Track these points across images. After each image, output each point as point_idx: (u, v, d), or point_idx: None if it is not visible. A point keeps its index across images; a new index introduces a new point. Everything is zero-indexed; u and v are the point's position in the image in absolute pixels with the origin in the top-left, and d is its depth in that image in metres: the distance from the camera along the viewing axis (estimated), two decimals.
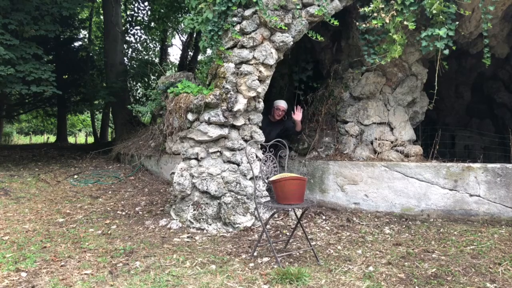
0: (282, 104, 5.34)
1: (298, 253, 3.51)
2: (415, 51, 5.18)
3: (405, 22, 4.41)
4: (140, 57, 15.90)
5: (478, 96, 7.90)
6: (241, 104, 4.41)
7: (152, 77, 14.10)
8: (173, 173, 4.63)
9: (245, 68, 4.40)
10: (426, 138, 5.92)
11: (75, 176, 7.20)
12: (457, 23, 4.42)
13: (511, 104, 7.42)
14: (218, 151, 4.49)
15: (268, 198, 4.15)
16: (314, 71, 6.32)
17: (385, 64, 4.86)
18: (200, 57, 14.28)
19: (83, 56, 14.58)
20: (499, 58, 6.38)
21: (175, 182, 4.43)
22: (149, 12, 14.64)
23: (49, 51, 12.36)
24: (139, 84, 15.41)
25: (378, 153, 5.21)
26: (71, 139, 23.26)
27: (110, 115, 15.39)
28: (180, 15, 13.26)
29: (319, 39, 4.53)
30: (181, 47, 15.51)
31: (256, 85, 4.40)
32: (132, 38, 15.63)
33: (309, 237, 3.78)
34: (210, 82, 4.72)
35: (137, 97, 15.34)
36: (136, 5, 15.06)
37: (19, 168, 7.77)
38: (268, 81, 4.57)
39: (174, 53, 53.40)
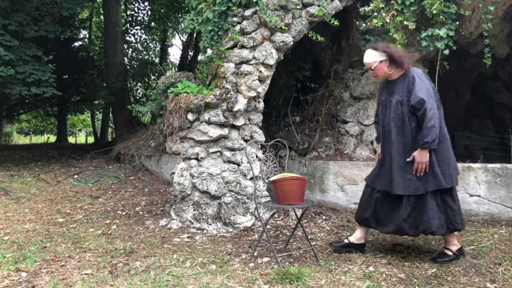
0: (364, 57, 3.37)
1: (298, 253, 3.51)
2: (415, 51, 5.17)
3: (405, 22, 4.41)
4: (140, 57, 15.91)
5: (478, 97, 7.89)
6: (241, 104, 4.41)
7: (152, 77, 14.10)
8: (173, 173, 4.63)
9: (245, 68, 4.40)
10: None
11: (75, 176, 7.20)
12: (457, 23, 4.42)
13: None
14: (218, 151, 4.49)
15: (268, 198, 4.15)
16: (314, 71, 6.32)
17: None
18: (200, 57, 14.28)
19: (83, 56, 14.58)
20: (499, 58, 6.38)
21: (175, 182, 4.43)
22: (149, 12, 14.65)
23: (49, 51, 12.36)
24: (139, 84, 15.41)
25: None
26: (71, 139, 23.26)
27: (110, 115, 15.39)
28: (180, 15, 13.26)
29: (319, 39, 4.53)
30: (181, 47, 15.51)
31: (256, 85, 4.40)
32: (132, 38, 15.64)
33: (309, 237, 3.78)
34: (210, 82, 4.72)
35: (137, 97, 15.34)
36: (136, 5, 15.06)
37: (19, 168, 7.77)
38: (268, 81, 4.57)
39: (174, 53, 53.43)
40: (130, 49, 15.56)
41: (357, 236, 3.53)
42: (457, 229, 3.23)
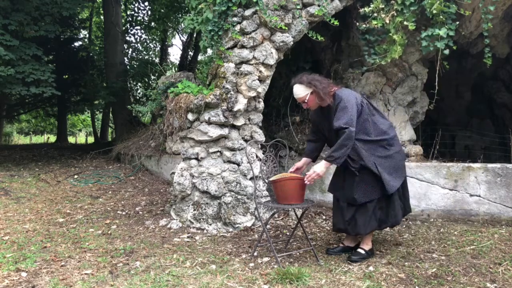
0: (294, 93, 3.42)
1: (298, 253, 3.51)
2: (415, 51, 5.17)
3: (405, 22, 4.42)
4: (140, 57, 15.90)
5: (478, 96, 7.89)
6: (241, 104, 4.41)
7: (152, 77, 14.10)
8: (173, 173, 4.63)
9: (245, 68, 4.40)
10: (426, 138, 5.91)
11: (75, 176, 7.20)
12: (457, 23, 4.42)
13: None
14: (218, 151, 4.49)
15: (268, 198, 4.15)
16: (314, 71, 6.30)
17: (385, 64, 4.86)
18: (200, 57, 14.29)
19: (83, 56, 14.58)
20: (500, 58, 6.38)
21: (175, 182, 4.43)
22: (149, 12, 14.65)
23: (49, 51, 12.36)
24: (139, 84, 15.42)
25: None
26: (71, 139, 23.26)
27: (110, 115, 15.40)
28: (180, 15, 13.27)
29: (319, 39, 4.53)
30: (181, 47, 15.52)
31: (256, 85, 4.40)
32: (132, 38, 15.65)
33: (309, 237, 3.78)
34: (210, 82, 4.72)
35: (137, 97, 15.35)
36: (136, 5, 15.07)
37: (19, 168, 7.77)
38: (268, 81, 4.57)
39: (174, 53, 53.41)
40: (130, 49, 15.57)
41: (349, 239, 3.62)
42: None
